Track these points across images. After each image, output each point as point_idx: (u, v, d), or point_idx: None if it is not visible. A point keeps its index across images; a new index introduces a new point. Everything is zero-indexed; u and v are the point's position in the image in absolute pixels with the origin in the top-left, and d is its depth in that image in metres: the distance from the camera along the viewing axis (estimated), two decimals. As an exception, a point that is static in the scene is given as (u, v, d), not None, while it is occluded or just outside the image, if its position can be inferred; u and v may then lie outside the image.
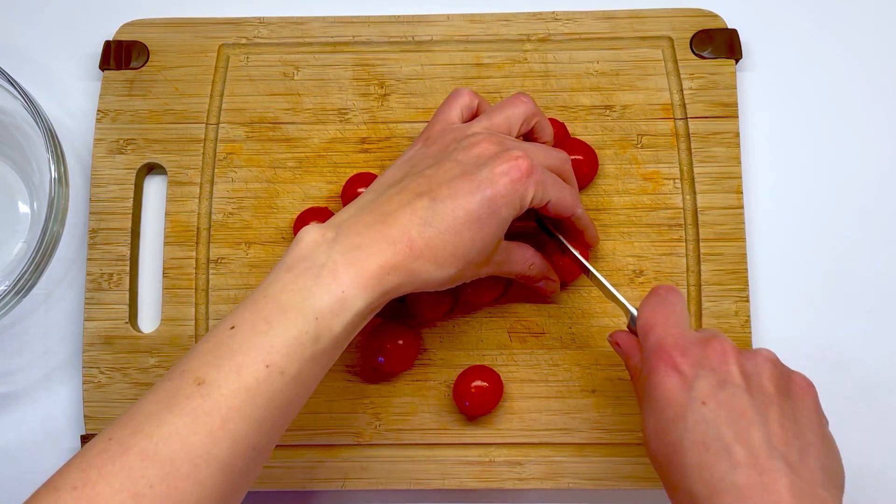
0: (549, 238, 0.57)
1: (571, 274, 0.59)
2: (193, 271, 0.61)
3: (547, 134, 0.57)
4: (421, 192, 0.48)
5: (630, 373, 0.51)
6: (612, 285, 0.54)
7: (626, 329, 0.53)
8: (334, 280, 0.45)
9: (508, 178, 0.49)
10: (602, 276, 0.54)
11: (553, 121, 0.61)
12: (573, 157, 0.59)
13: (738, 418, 0.44)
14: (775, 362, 0.48)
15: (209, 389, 0.42)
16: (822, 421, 0.47)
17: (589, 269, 0.55)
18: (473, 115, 0.55)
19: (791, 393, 0.47)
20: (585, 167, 0.60)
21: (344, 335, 0.46)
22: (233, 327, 0.44)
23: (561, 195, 0.52)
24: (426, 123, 0.62)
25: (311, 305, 0.44)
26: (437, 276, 0.48)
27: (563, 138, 0.61)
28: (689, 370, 0.46)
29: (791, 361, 0.61)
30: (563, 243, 0.56)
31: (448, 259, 0.48)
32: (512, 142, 0.52)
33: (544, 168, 0.51)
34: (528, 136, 0.56)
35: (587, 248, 0.58)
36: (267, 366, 0.43)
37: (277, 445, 0.58)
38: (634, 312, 0.52)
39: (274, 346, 0.43)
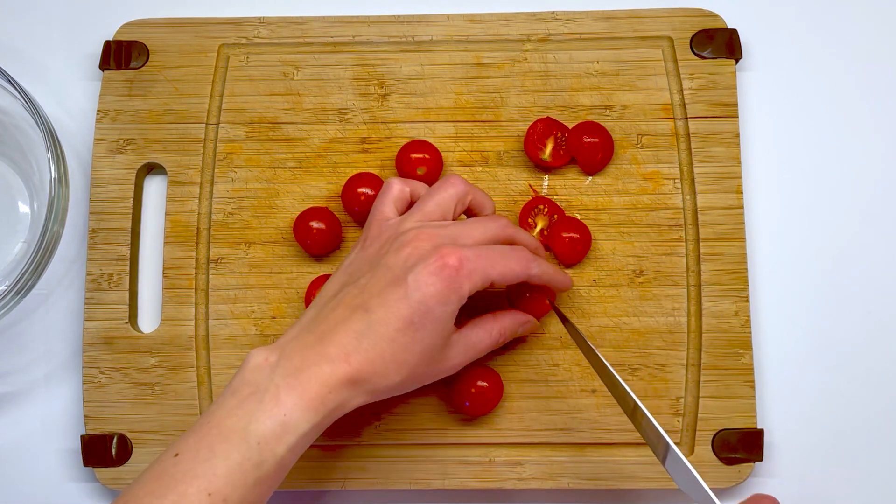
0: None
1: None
2: (193, 271, 0.61)
3: (487, 207, 0.56)
4: (356, 306, 0.49)
5: None
6: (613, 284, 0.54)
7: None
8: (276, 404, 0.46)
9: (437, 278, 0.49)
10: (635, 396, 0.52)
11: (553, 121, 0.61)
12: (589, 139, 0.60)
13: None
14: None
15: None
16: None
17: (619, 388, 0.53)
18: (410, 204, 0.55)
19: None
20: (600, 152, 0.60)
21: (289, 457, 0.46)
22: (177, 454, 0.45)
23: (505, 269, 0.51)
24: (426, 123, 0.62)
25: (254, 430, 0.45)
26: (383, 385, 0.49)
27: (576, 127, 0.61)
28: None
29: (791, 361, 0.61)
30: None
31: (390, 367, 0.48)
32: (445, 231, 0.51)
33: (481, 248, 0.51)
34: (468, 213, 0.56)
35: (559, 290, 0.58)
36: (209, 494, 0.44)
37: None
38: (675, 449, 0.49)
39: (216, 473, 0.44)
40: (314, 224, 0.59)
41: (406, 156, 0.60)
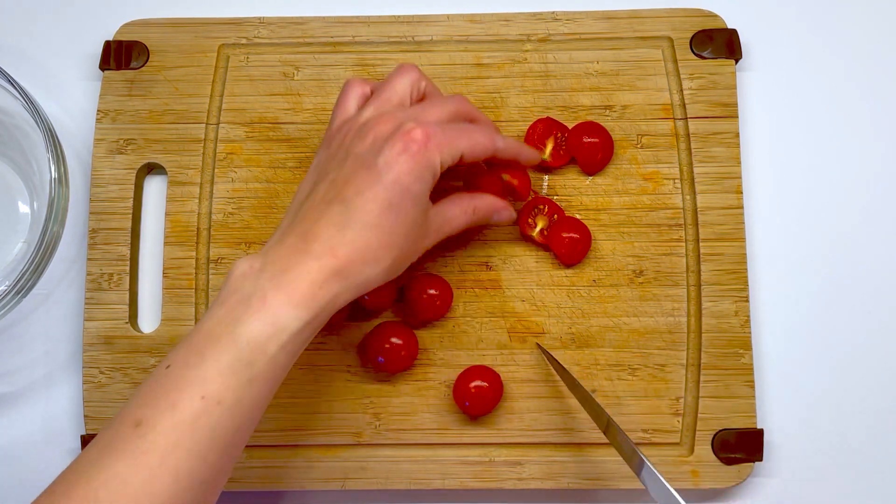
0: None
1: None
2: (193, 271, 0.61)
3: (438, 91, 0.56)
4: (331, 199, 0.49)
5: None
6: (613, 284, 0.53)
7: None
8: (264, 306, 0.45)
9: (407, 154, 0.48)
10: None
11: (553, 121, 0.61)
12: (589, 140, 0.60)
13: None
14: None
15: (145, 430, 0.42)
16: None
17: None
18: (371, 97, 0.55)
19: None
20: (600, 152, 0.60)
21: (283, 357, 0.46)
22: (168, 366, 0.45)
23: (472, 141, 0.52)
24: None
25: (243, 332, 0.45)
26: (373, 273, 0.48)
27: (574, 128, 0.61)
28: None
29: (791, 361, 0.61)
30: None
31: (377, 253, 0.48)
32: (404, 113, 0.51)
33: (444, 124, 0.51)
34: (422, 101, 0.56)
35: (524, 172, 0.58)
36: (202, 397, 0.43)
37: (277, 445, 0.59)
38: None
39: (207, 377, 0.44)
40: None
41: None
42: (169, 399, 0.43)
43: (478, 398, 0.57)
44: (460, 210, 0.54)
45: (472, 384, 0.57)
